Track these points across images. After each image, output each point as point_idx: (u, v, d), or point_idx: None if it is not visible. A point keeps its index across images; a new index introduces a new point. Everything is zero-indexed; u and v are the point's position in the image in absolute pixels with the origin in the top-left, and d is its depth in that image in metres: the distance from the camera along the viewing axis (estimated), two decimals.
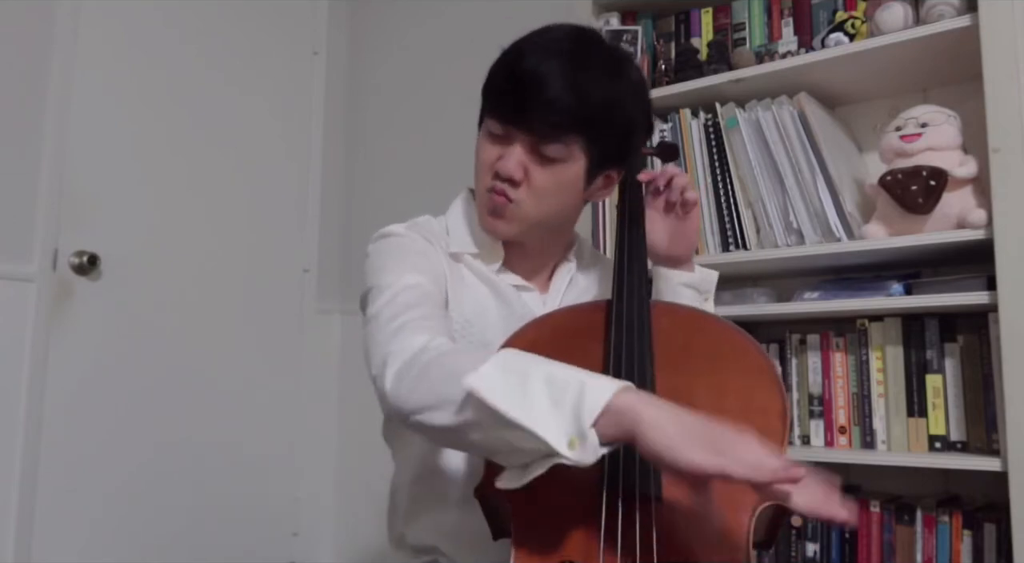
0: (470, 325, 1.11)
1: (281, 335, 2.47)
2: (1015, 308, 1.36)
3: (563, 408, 0.78)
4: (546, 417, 0.77)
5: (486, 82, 1.09)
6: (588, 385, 0.78)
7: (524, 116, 1.03)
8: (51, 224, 1.96)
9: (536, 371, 0.81)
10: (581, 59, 1.03)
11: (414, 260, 1.08)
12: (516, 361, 0.83)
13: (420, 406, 0.86)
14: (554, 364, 0.83)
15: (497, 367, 0.81)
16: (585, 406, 0.77)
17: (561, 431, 0.77)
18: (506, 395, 0.79)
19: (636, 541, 0.83)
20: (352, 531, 2.48)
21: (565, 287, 1.21)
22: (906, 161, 1.54)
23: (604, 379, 0.80)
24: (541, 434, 0.77)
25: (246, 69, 2.44)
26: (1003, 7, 1.42)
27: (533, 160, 1.05)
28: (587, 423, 0.76)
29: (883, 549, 1.56)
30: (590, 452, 0.76)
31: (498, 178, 1.06)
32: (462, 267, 1.15)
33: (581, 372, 0.81)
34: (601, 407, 0.77)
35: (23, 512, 1.86)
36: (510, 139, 1.05)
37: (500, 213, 1.08)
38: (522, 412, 0.78)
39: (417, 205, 1.41)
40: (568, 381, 0.79)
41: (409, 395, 0.87)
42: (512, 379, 0.80)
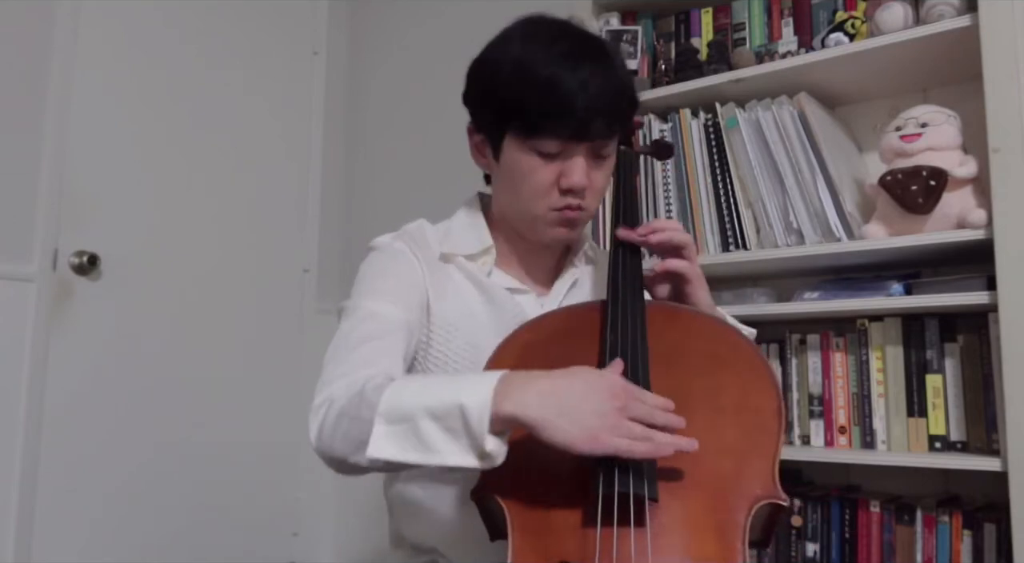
0: (454, 328, 1.12)
1: (281, 335, 2.47)
2: (1015, 308, 1.36)
3: (457, 435, 0.85)
4: (447, 448, 0.85)
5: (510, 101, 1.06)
6: (467, 404, 0.84)
7: (589, 131, 1.04)
8: (51, 224, 1.96)
9: (419, 410, 0.86)
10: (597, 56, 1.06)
11: (385, 282, 1.11)
12: (399, 406, 0.88)
13: (344, 453, 0.93)
14: (433, 390, 0.88)
15: (384, 423, 0.87)
16: (473, 426, 0.83)
17: (466, 452, 0.85)
18: (404, 446, 0.87)
19: (632, 541, 0.83)
20: (352, 531, 2.48)
21: (567, 290, 1.21)
22: (906, 161, 1.54)
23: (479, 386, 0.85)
24: (451, 464, 0.85)
25: (246, 69, 2.44)
26: (1003, 7, 1.42)
27: (591, 163, 1.08)
28: (483, 439, 0.83)
29: (883, 549, 1.56)
30: (498, 455, 0.85)
31: (569, 194, 1.07)
32: (452, 269, 1.15)
33: (457, 387, 0.86)
34: (487, 424, 0.83)
35: (23, 512, 1.86)
36: (568, 153, 1.06)
37: (575, 224, 1.12)
38: (426, 455, 0.86)
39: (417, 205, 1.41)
40: (449, 408, 0.85)
41: (331, 446, 0.95)
42: (402, 428, 0.87)
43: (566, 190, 1.07)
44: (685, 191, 1.77)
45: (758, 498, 0.86)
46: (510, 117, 1.07)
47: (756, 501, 0.85)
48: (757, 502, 0.85)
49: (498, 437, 0.85)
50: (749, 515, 0.85)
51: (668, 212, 1.79)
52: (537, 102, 1.03)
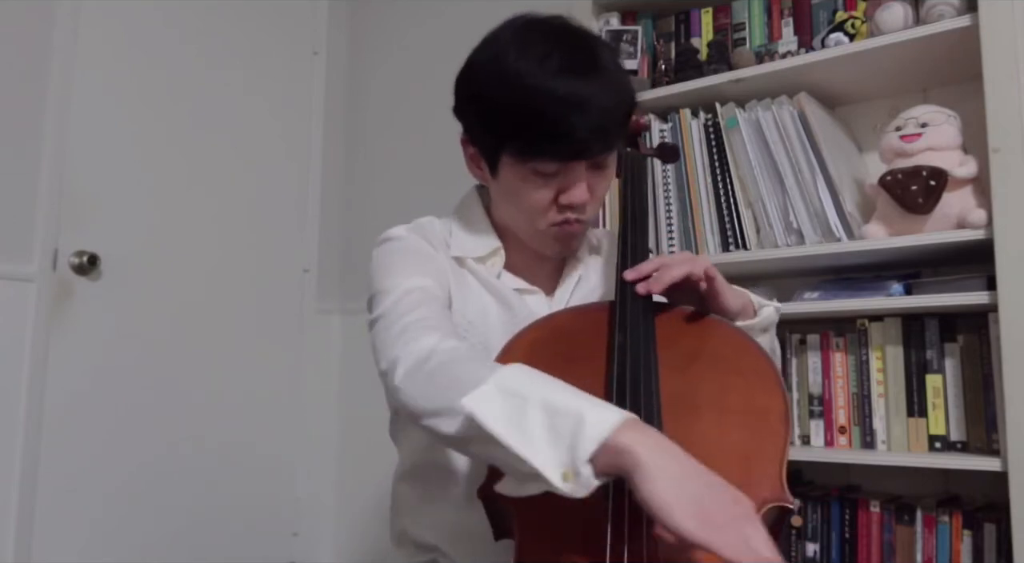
0: (472, 328, 1.11)
1: (281, 335, 2.47)
2: (1015, 308, 1.37)
3: (560, 439, 0.76)
4: (542, 446, 0.76)
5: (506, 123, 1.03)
6: (587, 418, 0.75)
7: (587, 147, 1.02)
8: (51, 224, 1.95)
9: (536, 395, 0.79)
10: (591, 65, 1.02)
11: (417, 262, 1.09)
12: (518, 381, 0.81)
13: (426, 411, 0.87)
14: (557, 387, 0.81)
15: (497, 388, 0.80)
16: (582, 441, 0.74)
17: (556, 462, 0.75)
18: (503, 420, 0.78)
19: (642, 541, 0.82)
20: (352, 531, 2.48)
21: (573, 288, 1.20)
22: (906, 161, 1.54)
23: (607, 410, 0.77)
24: (535, 464, 0.75)
25: (246, 69, 2.44)
26: (1003, 7, 1.42)
27: (592, 175, 1.07)
28: (582, 458, 0.74)
29: (883, 549, 1.56)
30: (583, 486, 0.75)
31: (569, 209, 1.06)
32: (464, 271, 1.15)
33: (584, 399, 0.79)
34: (598, 444, 0.74)
35: (23, 512, 1.85)
36: (568, 171, 1.04)
37: (576, 237, 1.12)
38: (517, 439, 0.77)
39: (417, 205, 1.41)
40: (568, 410, 0.77)
41: (417, 399, 0.88)
42: (510, 402, 0.79)
43: (566, 206, 1.06)
44: (685, 191, 1.77)
45: (765, 501, 0.85)
46: (506, 138, 1.04)
47: (763, 504, 0.85)
48: (764, 505, 0.85)
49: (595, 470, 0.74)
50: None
51: (668, 212, 1.79)
52: (535, 125, 1.00)
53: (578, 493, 0.75)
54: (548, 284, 1.20)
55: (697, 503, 0.72)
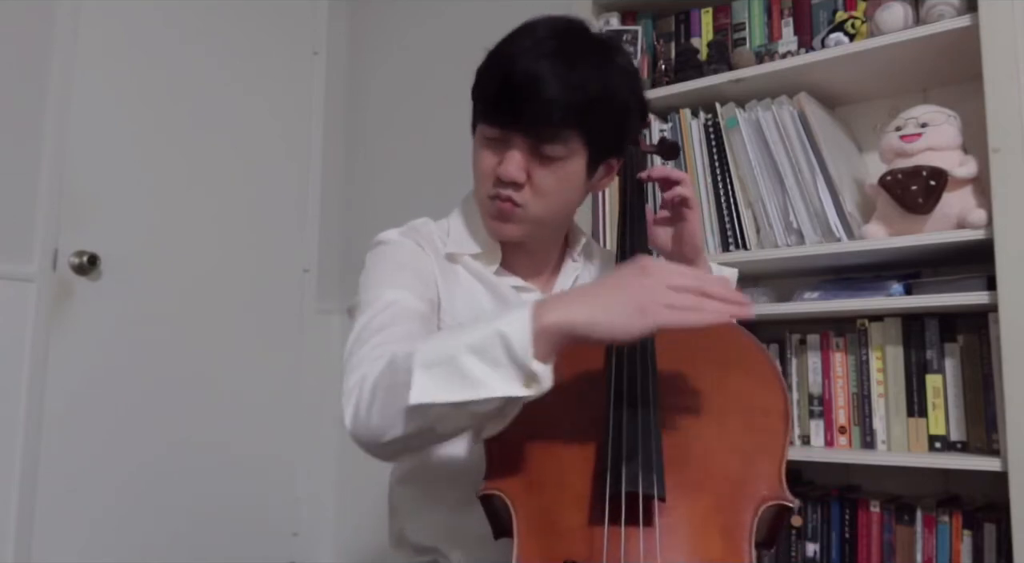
0: None
1: (281, 335, 2.47)
2: (1015, 308, 1.37)
3: (499, 364, 0.82)
4: (492, 380, 0.81)
5: (476, 86, 1.09)
6: (505, 331, 0.81)
7: (521, 119, 1.02)
8: (51, 224, 1.95)
9: (457, 347, 0.83)
10: (571, 55, 1.02)
11: (399, 274, 1.09)
12: (436, 350, 0.85)
13: (381, 429, 0.89)
14: (466, 329, 0.86)
15: (423, 368, 0.84)
16: (516, 351, 0.81)
17: (512, 380, 0.81)
18: (447, 387, 0.83)
19: (639, 541, 0.83)
20: (352, 531, 2.48)
21: (570, 286, 1.21)
22: (906, 161, 1.54)
23: (515, 314, 0.83)
24: (497, 395, 0.81)
25: (246, 69, 2.44)
26: (1003, 7, 1.42)
27: (534, 161, 1.04)
28: (528, 362, 0.81)
29: (883, 549, 1.56)
30: (545, 379, 0.82)
31: (500, 184, 1.06)
32: (459, 269, 1.15)
33: (492, 320, 0.84)
34: (530, 344, 0.81)
35: (23, 512, 1.85)
36: (507, 143, 1.05)
37: (507, 218, 1.09)
38: (471, 391, 0.82)
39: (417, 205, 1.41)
40: (488, 338, 0.82)
41: (367, 424, 0.90)
42: (443, 370, 0.83)
43: (498, 179, 1.06)
44: None
45: (765, 499, 0.86)
46: (474, 103, 1.10)
47: (763, 502, 0.85)
48: (764, 503, 0.85)
49: (544, 361, 0.82)
50: (756, 516, 0.85)
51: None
52: (486, 86, 1.06)
53: (545, 387, 0.82)
54: (545, 282, 1.20)
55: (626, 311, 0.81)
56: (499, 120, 1.04)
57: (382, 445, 0.90)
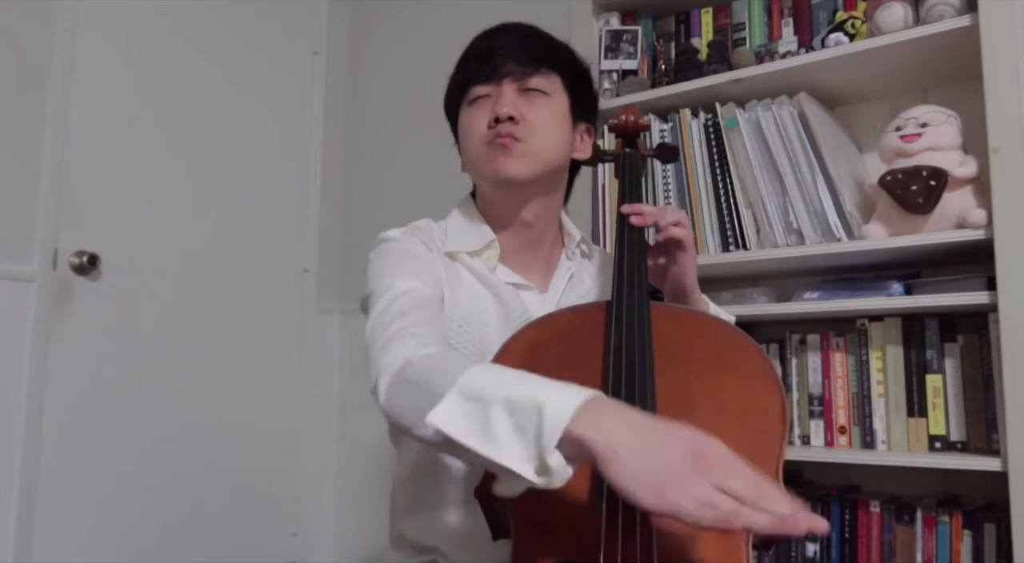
0: (467, 324, 1.12)
1: (281, 335, 2.47)
2: (1015, 308, 1.36)
3: (524, 436, 0.76)
4: (510, 446, 0.77)
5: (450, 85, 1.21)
6: (546, 410, 0.75)
7: (503, 65, 1.13)
8: (51, 224, 1.96)
9: (497, 395, 0.79)
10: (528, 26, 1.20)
11: (409, 264, 1.10)
12: (479, 384, 0.81)
13: (408, 424, 0.87)
14: (520, 381, 0.81)
15: (459, 396, 0.81)
16: (545, 433, 0.74)
17: (526, 458, 0.76)
18: (468, 428, 0.79)
19: (636, 542, 0.83)
20: (352, 531, 2.48)
21: (564, 284, 1.22)
22: (906, 161, 1.54)
23: (566, 395, 0.77)
24: (506, 465, 0.76)
25: (246, 69, 2.44)
26: (1003, 7, 1.42)
27: (522, 98, 1.13)
28: (548, 451, 0.74)
29: (883, 549, 1.56)
30: (559, 476, 0.75)
31: (497, 123, 1.11)
32: (459, 267, 1.17)
33: (545, 388, 0.79)
34: (560, 434, 0.74)
35: (23, 512, 1.86)
36: (495, 92, 1.13)
37: (509, 151, 1.11)
38: (485, 444, 0.78)
39: (417, 205, 1.41)
40: (528, 405, 0.76)
41: (399, 414, 0.89)
42: (473, 408, 0.80)
43: (494, 120, 1.11)
44: (685, 191, 1.77)
45: None
46: (453, 90, 1.20)
47: None
48: None
49: (566, 458, 0.75)
50: None
51: None
52: (464, 63, 1.19)
53: (556, 484, 0.75)
54: (541, 280, 1.22)
55: (652, 475, 0.71)
56: (484, 75, 1.14)
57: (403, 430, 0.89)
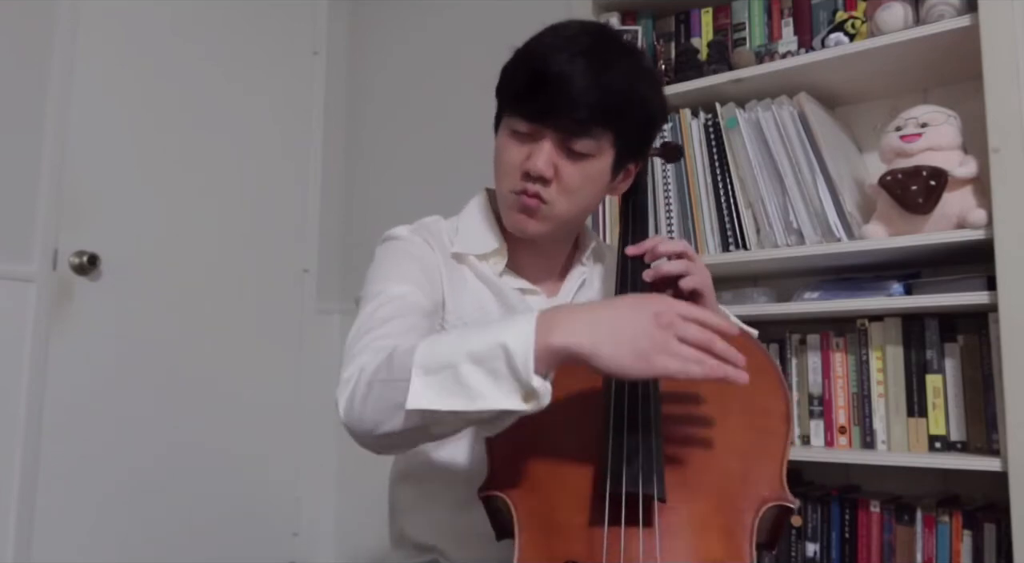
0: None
1: (281, 335, 2.47)
2: (1015, 308, 1.37)
3: (500, 377, 0.82)
4: (492, 392, 0.82)
5: (504, 83, 1.09)
6: (509, 344, 0.81)
7: (554, 113, 1.02)
8: (51, 224, 1.95)
9: (459, 355, 0.83)
10: (603, 54, 1.03)
11: (407, 267, 1.09)
12: (437, 355, 0.85)
13: (374, 422, 0.89)
14: (472, 335, 0.85)
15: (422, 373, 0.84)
16: (517, 366, 0.81)
17: (511, 394, 0.82)
18: (446, 395, 0.83)
19: (639, 542, 0.83)
20: (352, 531, 2.48)
21: (576, 291, 1.21)
22: (906, 161, 1.54)
23: (518, 326, 0.83)
24: (496, 407, 0.82)
25: (246, 69, 2.44)
26: (1003, 7, 1.42)
27: (562, 156, 1.05)
28: (529, 378, 0.80)
29: (883, 549, 1.56)
30: (544, 395, 0.82)
31: (528, 178, 1.05)
32: (465, 269, 1.15)
33: (496, 330, 0.84)
34: (532, 360, 0.81)
35: (23, 512, 1.85)
36: (537, 137, 1.05)
37: (532, 213, 1.08)
38: (469, 401, 0.82)
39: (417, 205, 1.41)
40: (491, 349, 0.82)
41: (361, 417, 0.90)
42: (443, 376, 0.83)
43: (526, 173, 1.05)
44: (685, 191, 1.77)
45: (765, 500, 0.86)
46: (499, 97, 1.11)
47: (764, 503, 0.85)
48: (765, 504, 0.85)
49: (544, 376, 0.82)
50: (757, 517, 0.85)
51: (668, 212, 1.79)
52: (516, 78, 1.07)
53: (544, 403, 0.82)
54: (551, 286, 1.20)
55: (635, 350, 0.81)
56: (531, 114, 1.04)
57: (375, 437, 0.90)
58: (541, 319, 0.83)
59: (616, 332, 0.82)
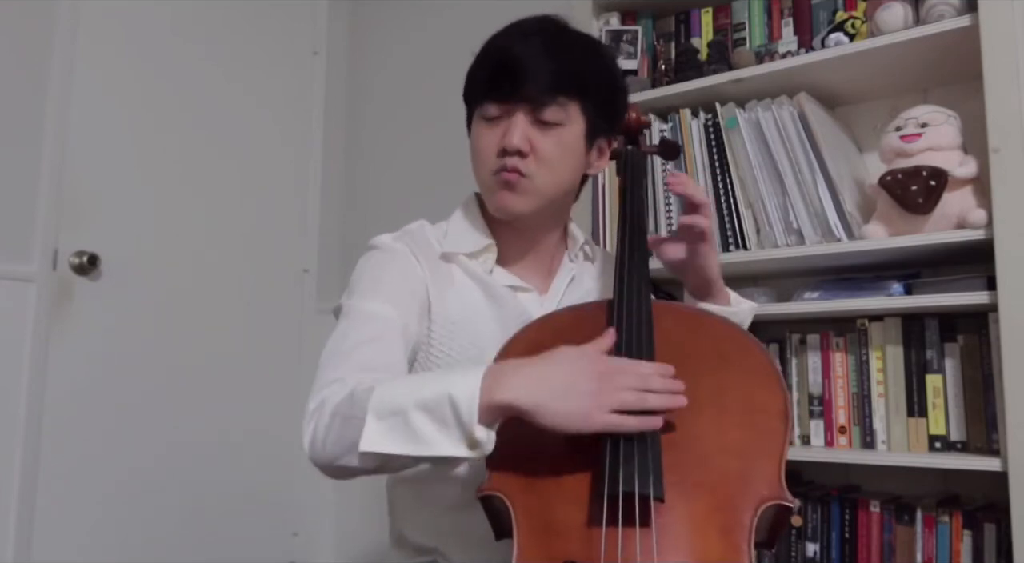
0: (458, 328, 1.12)
1: (281, 335, 2.47)
2: (1015, 308, 1.36)
3: (447, 425, 0.87)
4: (439, 439, 0.87)
5: (469, 82, 1.15)
6: (456, 395, 0.86)
7: (520, 87, 1.06)
8: (51, 224, 1.96)
9: (409, 402, 0.88)
10: (556, 33, 1.11)
11: (386, 282, 1.11)
12: (390, 402, 0.90)
13: (333, 456, 0.93)
14: (424, 382, 0.92)
15: (375, 418, 0.89)
16: (463, 416, 0.86)
17: (455, 442, 0.87)
18: (396, 440, 0.88)
19: (637, 541, 0.83)
20: (352, 531, 2.48)
21: (565, 287, 1.21)
22: (906, 161, 1.54)
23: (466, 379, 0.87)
24: (442, 454, 0.87)
25: (246, 69, 2.44)
26: (1003, 7, 1.42)
27: (535, 129, 1.08)
28: (472, 428, 0.86)
29: (883, 549, 1.56)
30: (487, 444, 0.87)
31: (505, 154, 1.08)
32: (454, 268, 1.16)
33: (446, 380, 0.89)
34: (476, 412, 0.85)
35: (23, 512, 1.86)
36: (509, 115, 1.08)
37: (514, 187, 1.10)
38: (417, 447, 0.88)
39: (417, 205, 1.41)
40: (439, 399, 0.87)
41: (323, 449, 0.94)
42: (392, 421, 0.89)
43: (503, 150, 1.08)
44: None
45: (764, 499, 0.86)
46: (467, 98, 1.15)
47: (762, 502, 0.85)
48: (763, 503, 0.85)
49: (488, 427, 0.86)
50: (755, 516, 0.85)
51: (668, 212, 1.79)
52: (480, 72, 1.12)
53: (487, 450, 0.87)
54: (541, 283, 1.21)
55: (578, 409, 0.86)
56: (499, 96, 1.08)
57: (336, 468, 0.94)
58: (489, 373, 0.88)
59: (557, 391, 0.86)
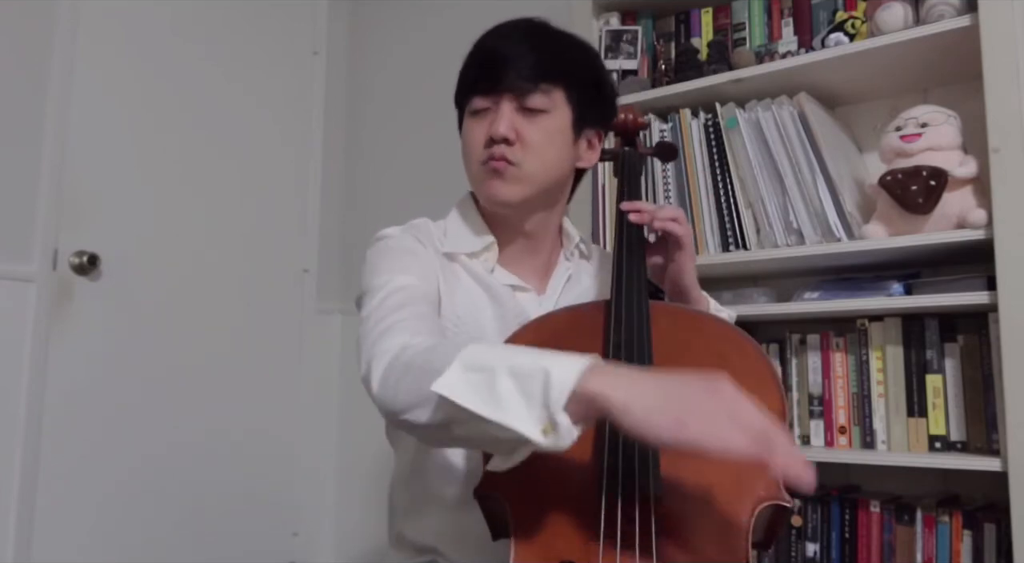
0: (463, 325, 1.12)
1: (281, 335, 2.47)
2: (1015, 308, 1.36)
3: (532, 399, 0.78)
4: (517, 409, 0.78)
5: (461, 77, 1.17)
6: (553, 372, 0.78)
7: (503, 77, 1.09)
8: (51, 224, 1.95)
9: (501, 364, 0.81)
10: (539, 28, 1.15)
11: (405, 261, 1.10)
12: (481, 357, 0.83)
13: (404, 406, 0.88)
14: (519, 353, 0.83)
15: (461, 367, 0.82)
16: (552, 394, 0.77)
17: (533, 420, 0.78)
18: (474, 394, 0.80)
19: (635, 541, 0.83)
20: (352, 531, 2.48)
21: (562, 287, 1.22)
22: (906, 161, 1.54)
23: (569, 361, 0.79)
24: (514, 426, 0.78)
25: (246, 69, 2.44)
26: (1003, 7, 1.42)
27: (521, 117, 1.10)
28: (557, 410, 0.76)
29: (883, 549, 1.56)
30: (565, 436, 0.77)
31: (492, 143, 1.09)
32: (457, 267, 1.16)
33: (546, 357, 0.81)
34: (568, 394, 0.77)
35: (23, 512, 1.85)
36: (495, 105, 1.11)
37: (502, 175, 1.10)
38: (492, 409, 0.79)
39: (417, 205, 1.41)
40: (534, 370, 0.79)
41: (395, 396, 0.89)
42: (479, 377, 0.81)
43: (490, 139, 1.10)
44: (685, 191, 1.77)
45: (761, 499, 0.86)
46: (458, 100, 1.18)
47: (759, 502, 0.85)
48: (760, 503, 0.85)
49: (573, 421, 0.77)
50: (752, 516, 0.85)
51: None
52: (470, 66, 1.15)
53: (562, 444, 0.77)
54: (538, 282, 1.21)
55: (671, 416, 0.75)
56: (485, 88, 1.11)
57: (400, 420, 0.89)
58: (593, 364, 0.79)
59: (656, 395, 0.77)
